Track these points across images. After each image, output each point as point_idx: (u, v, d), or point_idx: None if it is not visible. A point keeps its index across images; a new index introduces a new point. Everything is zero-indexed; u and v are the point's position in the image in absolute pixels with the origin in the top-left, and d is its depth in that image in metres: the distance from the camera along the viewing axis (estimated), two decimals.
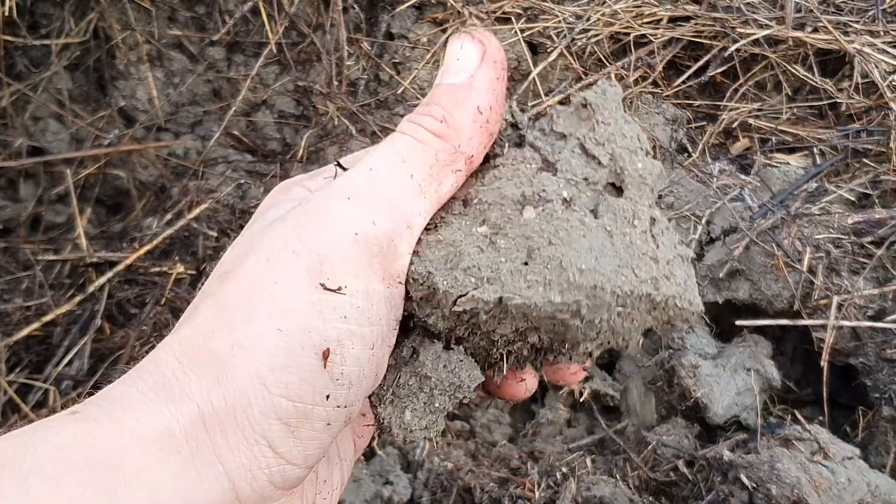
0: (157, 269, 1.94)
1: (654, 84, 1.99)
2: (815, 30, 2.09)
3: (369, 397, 0.62)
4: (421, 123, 0.58)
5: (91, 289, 1.92)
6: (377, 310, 0.53)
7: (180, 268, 1.93)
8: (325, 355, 0.51)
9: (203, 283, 0.58)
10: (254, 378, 0.50)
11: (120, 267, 1.94)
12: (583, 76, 1.93)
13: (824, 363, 1.66)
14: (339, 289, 0.51)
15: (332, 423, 0.53)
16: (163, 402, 0.50)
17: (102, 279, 1.93)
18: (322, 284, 0.51)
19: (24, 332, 1.86)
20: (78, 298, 1.92)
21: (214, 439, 0.50)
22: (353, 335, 0.52)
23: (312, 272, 0.52)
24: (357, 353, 0.52)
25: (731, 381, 1.66)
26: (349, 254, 0.52)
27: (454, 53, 0.60)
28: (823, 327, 1.68)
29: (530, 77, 2.01)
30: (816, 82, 2.08)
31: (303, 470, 0.53)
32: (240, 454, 0.50)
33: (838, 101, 2.06)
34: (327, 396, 0.52)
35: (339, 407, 0.52)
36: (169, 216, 2.03)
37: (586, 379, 1.75)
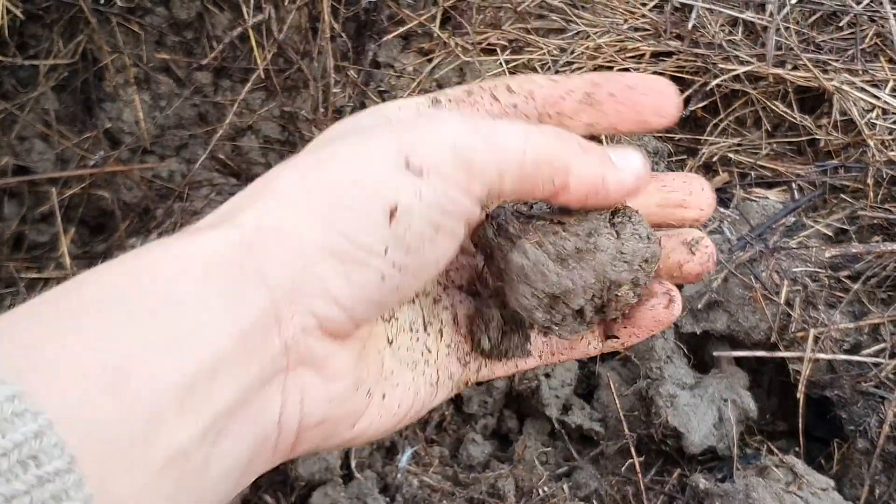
0: None
1: None
2: (795, 67, 2.13)
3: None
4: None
5: None
6: (451, 205, 0.51)
7: None
8: (392, 213, 0.49)
9: None
10: (313, 211, 0.48)
11: None
12: None
13: (800, 395, 1.67)
14: (422, 172, 0.50)
15: (387, 280, 0.50)
16: (208, 230, 0.49)
17: None
18: (407, 161, 0.50)
19: None
20: None
21: (259, 257, 0.47)
22: (423, 210, 0.50)
23: (402, 151, 0.50)
24: (422, 228, 0.50)
25: (707, 411, 1.67)
26: (443, 155, 0.51)
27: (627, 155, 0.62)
28: (800, 359, 1.69)
29: None
30: (796, 119, 2.11)
31: (347, 318, 0.49)
32: (283, 271, 0.47)
33: (817, 137, 2.09)
34: (386, 250, 0.49)
35: (394, 266, 0.50)
36: (153, 237, 2.03)
37: (566, 409, 1.75)
